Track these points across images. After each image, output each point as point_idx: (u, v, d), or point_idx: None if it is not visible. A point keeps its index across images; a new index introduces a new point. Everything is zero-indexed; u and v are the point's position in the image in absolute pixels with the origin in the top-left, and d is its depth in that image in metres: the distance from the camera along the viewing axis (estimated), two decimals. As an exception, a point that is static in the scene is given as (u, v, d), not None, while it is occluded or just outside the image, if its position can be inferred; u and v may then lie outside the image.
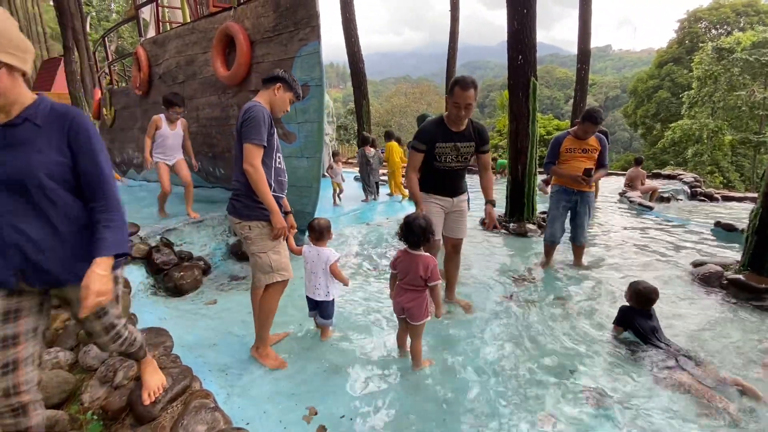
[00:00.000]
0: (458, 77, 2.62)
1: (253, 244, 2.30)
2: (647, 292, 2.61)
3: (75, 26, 15.95)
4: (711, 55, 21.07)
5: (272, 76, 2.35)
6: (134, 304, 3.02)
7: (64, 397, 2.08)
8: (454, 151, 2.82)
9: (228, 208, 2.35)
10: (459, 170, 2.94)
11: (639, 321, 2.57)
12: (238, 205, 2.28)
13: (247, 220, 2.27)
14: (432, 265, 2.24)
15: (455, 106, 2.61)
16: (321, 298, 2.65)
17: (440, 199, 2.94)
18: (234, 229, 2.41)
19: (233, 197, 2.31)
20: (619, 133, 43.35)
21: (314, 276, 2.67)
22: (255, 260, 2.32)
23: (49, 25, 35.59)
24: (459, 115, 2.64)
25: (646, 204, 6.70)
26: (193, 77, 4.93)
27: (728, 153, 20.73)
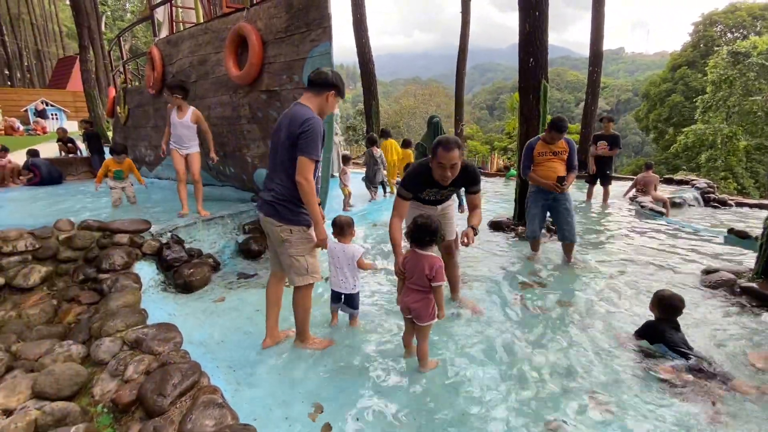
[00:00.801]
0: (441, 138, 2.49)
1: (292, 247, 2.35)
2: (673, 300, 2.53)
3: (90, 25, 16.27)
4: (726, 59, 20.74)
5: (325, 81, 2.29)
6: (144, 299, 3.06)
7: (75, 390, 2.12)
8: (438, 194, 2.84)
9: (265, 210, 2.35)
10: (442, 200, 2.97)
11: (670, 334, 2.45)
12: (281, 210, 2.30)
13: (288, 224, 2.32)
14: (437, 265, 2.24)
15: (440, 166, 2.46)
16: (348, 291, 2.80)
17: (424, 207, 2.92)
18: (268, 231, 2.42)
19: (275, 201, 2.31)
20: (631, 137, 42.87)
21: (340, 271, 2.78)
22: (291, 262, 2.37)
23: (65, 24, 36.27)
24: (445, 176, 2.49)
25: (658, 209, 6.62)
26: (205, 77, 5.00)
27: (743, 159, 20.36)
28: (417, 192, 2.77)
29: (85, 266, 3.31)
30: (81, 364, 2.32)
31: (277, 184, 2.31)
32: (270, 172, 2.40)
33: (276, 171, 2.32)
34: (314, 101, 2.29)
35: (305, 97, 2.32)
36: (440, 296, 2.29)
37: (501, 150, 22.00)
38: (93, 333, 2.53)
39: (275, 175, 2.32)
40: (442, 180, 2.56)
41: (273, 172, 2.35)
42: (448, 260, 3.14)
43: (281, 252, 2.41)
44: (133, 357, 2.22)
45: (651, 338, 2.55)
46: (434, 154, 2.48)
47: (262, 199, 2.41)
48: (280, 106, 4.10)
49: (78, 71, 18.15)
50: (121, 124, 7.69)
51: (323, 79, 2.29)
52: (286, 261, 2.41)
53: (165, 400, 1.91)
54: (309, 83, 2.33)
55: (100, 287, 3.07)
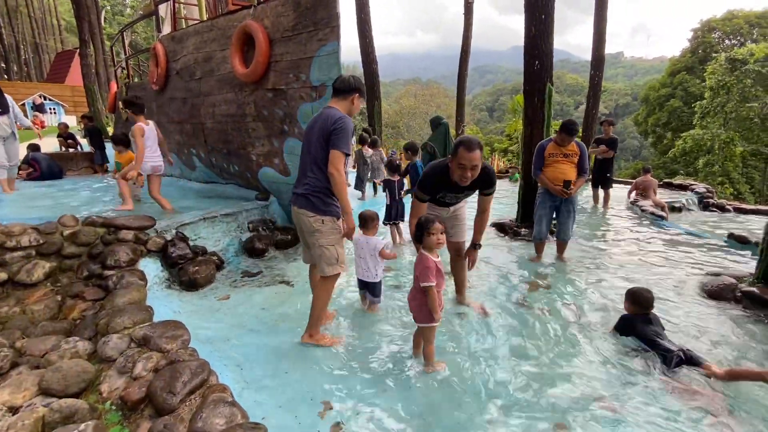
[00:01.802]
0: (462, 138, 2.54)
1: (323, 236, 2.49)
2: (642, 294, 2.69)
3: (91, 19, 16.19)
4: (724, 66, 20.88)
5: (350, 87, 2.51)
6: (149, 296, 3.05)
7: (83, 387, 2.11)
8: (455, 198, 2.92)
9: (299, 203, 2.51)
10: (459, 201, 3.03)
11: (640, 327, 2.61)
12: (314, 200, 2.46)
13: (320, 215, 2.47)
14: (423, 264, 2.24)
15: (460, 167, 2.50)
16: (371, 279, 3.02)
17: (437, 209, 2.98)
18: (301, 222, 2.55)
19: (309, 193, 2.47)
20: (629, 141, 43.09)
21: (363, 261, 3.01)
22: (322, 252, 2.50)
23: (64, 18, 36.02)
24: (465, 177, 2.53)
25: (658, 213, 6.65)
26: (210, 74, 4.98)
27: (739, 164, 20.50)
28: (434, 194, 2.79)
29: (89, 262, 3.29)
30: (88, 360, 2.31)
31: (310, 177, 2.48)
32: (302, 168, 2.56)
33: (310, 166, 2.49)
34: (342, 105, 2.52)
35: (333, 101, 2.54)
36: (429, 297, 2.24)
37: (501, 152, 22.04)
38: (99, 329, 2.51)
39: (309, 170, 2.49)
40: (461, 180, 2.57)
41: (306, 168, 2.52)
42: (458, 261, 3.18)
43: (312, 243, 2.54)
44: (141, 354, 2.21)
45: (624, 331, 2.71)
46: (455, 154, 2.52)
47: (295, 193, 2.56)
48: (286, 105, 4.10)
49: (77, 65, 18.06)
50: (122, 119, 7.65)
51: (347, 85, 2.52)
52: (317, 252, 2.54)
53: (175, 398, 1.90)
54: (335, 91, 2.55)
55: (105, 284, 3.06)
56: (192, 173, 6.15)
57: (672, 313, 3.15)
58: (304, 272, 3.87)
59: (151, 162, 4.47)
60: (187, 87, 5.35)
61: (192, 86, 5.26)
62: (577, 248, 4.88)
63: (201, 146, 5.45)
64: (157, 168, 4.56)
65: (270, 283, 3.63)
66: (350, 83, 2.52)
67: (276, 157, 4.44)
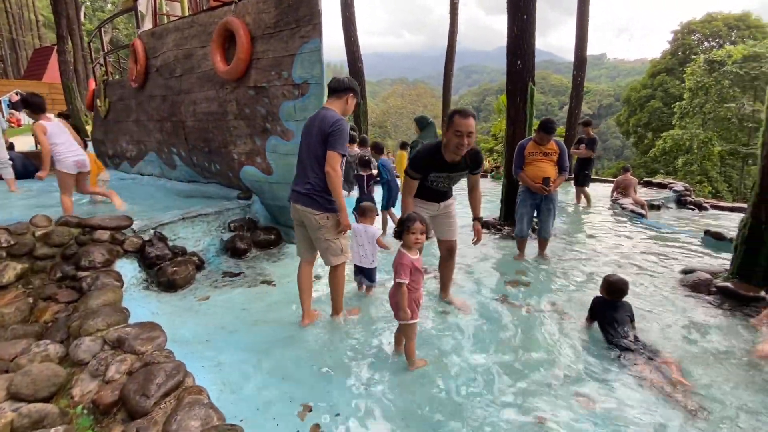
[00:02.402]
0: (456, 108, 2.70)
1: (328, 231, 2.66)
2: (615, 282, 2.80)
3: (69, 15, 15.75)
4: (703, 67, 21.44)
5: (345, 87, 2.66)
6: (125, 298, 2.97)
7: (53, 391, 2.04)
8: (447, 180, 2.93)
9: (302, 201, 2.65)
10: (450, 186, 3.04)
11: (605, 310, 2.75)
12: (319, 200, 2.61)
13: (325, 212, 2.63)
14: (397, 260, 2.25)
15: (457, 134, 2.59)
16: (368, 265, 3.24)
17: (426, 204, 2.99)
18: (305, 219, 2.68)
19: (313, 192, 2.61)
20: (612, 141, 43.92)
21: (361, 248, 3.20)
22: (328, 245, 2.69)
23: (42, 13, 34.99)
24: (461, 144, 2.60)
25: (638, 211, 6.79)
26: (191, 71, 4.89)
27: (717, 163, 21.07)
28: (426, 172, 2.82)
29: (62, 263, 3.20)
30: (59, 364, 2.24)
31: (313, 177, 2.61)
32: (302, 168, 2.69)
33: (311, 166, 2.61)
34: (337, 104, 2.67)
35: (329, 101, 2.70)
36: (398, 295, 2.23)
37: (487, 151, 22.23)
38: (72, 332, 2.44)
39: (310, 169, 2.62)
40: (458, 149, 2.64)
41: (307, 168, 2.64)
42: (448, 259, 3.19)
43: (317, 237, 2.69)
44: (114, 357, 2.16)
45: (592, 313, 2.88)
46: (451, 123, 2.62)
47: (296, 192, 2.68)
48: (268, 103, 4.05)
49: (55, 62, 17.56)
50: (101, 117, 7.47)
51: (342, 85, 2.67)
52: (322, 245, 2.71)
53: (148, 400, 1.86)
54: (330, 91, 2.69)
55: (79, 285, 2.97)
56: (172, 172, 6.03)
57: (649, 307, 3.21)
58: (286, 272, 3.85)
59: (72, 157, 4.09)
60: (167, 84, 5.25)
61: (172, 84, 5.17)
62: (558, 245, 4.95)
63: (182, 145, 5.35)
64: (81, 163, 4.17)
65: (251, 284, 3.59)
66: (345, 83, 2.67)
67: (258, 156, 4.38)
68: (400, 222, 2.36)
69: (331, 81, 2.72)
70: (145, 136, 6.20)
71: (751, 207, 3.42)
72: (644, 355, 2.46)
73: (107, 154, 7.72)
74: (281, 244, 4.55)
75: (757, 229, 3.34)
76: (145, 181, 6.52)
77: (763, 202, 3.31)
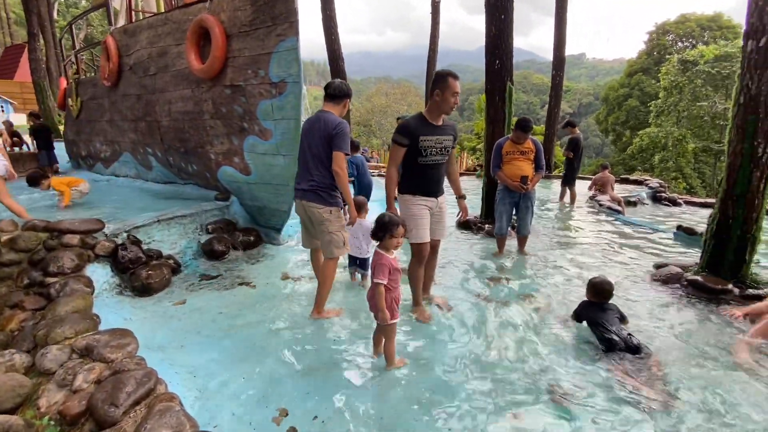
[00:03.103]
0: (446, 70, 2.79)
1: (332, 225, 2.87)
2: (600, 285, 2.84)
3: (41, 12, 15.21)
4: (677, 67, 22.08)
5: (343, 92, 2.93)
6: (97, 304, 2.88)
7: (18, 402, 1.97)
8: (438, 145, 2.86)
9: (308, 197, 2.86)
10: (442, 165, 2.96)
11: (592, 312, 2.77)
12: (323, 195, 2.83)
13: (329, 206, 2.85)
14: (377, 260, 2.25)
15: (454, 95, 2.73)
16: (363, 255, 3.50)
17: (427, 200, 2.94)
18: (310, 213, 2.89)
19: (317, 188, 2.83)
20: (592, 139, 44.85)
21: (357, 240, 3.44)
22: (331, 238, 2.87)
23: (13, 11, 33.68)
24: (455, 104, 2.77)
25: (614, 208, 6.96)
26: (165, 69, 4.77)
27: (691, 160, 21.76)
28: (415, 135, 2.79)
29: (30, 269, 3.08)
30: (25, 374, 2.16)
31: (316, 175, 2.83)
32: (304, 166, 2.91)
33: (314, 165, 2.84)
34: (336, 109, 2.91)
35: (327, 105, 2.91)
36: (378, 296, 2.21)
37: (470, 150, 22.43)
38: (38, 341, 2.35)
39: (313, 168, 2.84)
40: (448, 110, 2.80)
41: (310, 166, 2.86)
42: (432, 257, 3.15)
43: (321, 230, 2.90)
44: (82, 365, 2.09)
45: (579, 316, 2.88)
46: (445, 85, 2.71)
47: (301, 189, 2.89)
48: (245, 102, 3.99)
49: (26, 61, 16.91)
50: (73, 117, 7.23)
51: (341, 91, 2.93)
52: (326, 238, 2.89)
53: (117, 410, 1.80)
54: (330, 96, 2.92)
55: (47, 292, 2.87)
56: (148, 173, 5.89)
57: (625, 300, 3.29)
58: (266, 273, 3.81)
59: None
60: (141, 83, 5.11)
61: (146, 82, 5.04)
62: (537, 242, 5.02)
63: (157, 145, 5.23)
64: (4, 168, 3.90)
65: (230, 286, 3.53)
66: (343, 90, 2.93)
67: (236, 156, 4.31)
68: (383, 226, 2.30)
69: (329, 87, 2.93)
70: (119, 137, 6.03)
71: (719, 202, 3.53)
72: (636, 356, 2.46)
73: (80, 155, 7.49)
74: (261, 245, 4.49)
75: (725, 224, 3.45)
76: (120, 182, 6.35)
77: (730, 198, 3.42)
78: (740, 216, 3.36)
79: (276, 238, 4.61)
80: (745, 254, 3.41)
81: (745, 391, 2.21)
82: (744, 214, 3.34)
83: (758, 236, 3.40)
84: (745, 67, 3.24)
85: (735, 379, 2.32)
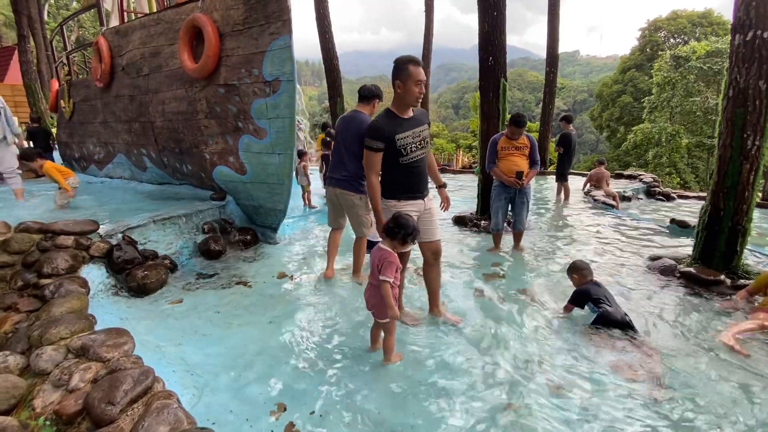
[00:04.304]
0: (405, 56, 2.52)
1: (360, 209, 3.40)
2: (581, 263, 3.06)
3: (31, 13, 15.06)
4: (669, 63, 22.23)
5: (372, 94, 3.41)
6: (93, 305, 2.87)
7: (13, 403, 1.96)
8: (416, 139, 2.60)
9: (340, 185, 3.38)
10: (422, 160, 2.70)
11: (593, 290, 2.87)
12: (355, 184, 3.34)
13: (359, 194, 3.36)
14: (386, 258, 2.23)
15: (417, 84, 2.46)
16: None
17: (413, 203, 2.68)
18: (342, 200, 3.43)
19: (349, 178, 3.33)
20: (586, 136, 45.06)
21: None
22: (360, 219, 3.43)
23: (2, 12, 33.28)
24: (421, 92, 2.51)
25: (609, 202, 7.01)
26: (158, 70, 4.75)
27: (685, 155, 21.92)
28: (390, 136, 2.52)
29: (23, 271, 3.06)
30: (20, 375, 2.15)
31: (350, 166, 3.31)
32: (339, 159, 3.40)
33: (348, 158, 3.32)
34: (366, 108, 3.40)
35: (360, 106, 3.42)
36: (386, 292, 2.20)
37: (466, 148, 22.48)
38: (33, 342, 2.34)
39: (347, 160, 3.32)
40: (417, 101, 2.54)
41: (344, 159, 3.34)
42: (434, 264, 2.86)
43: (352, 213, 3.46)
44: (78, 365, 2.08)
45: (579, 301, 2.93)
46: (407, 74, 2.45)
47: (334, 178, 3.41)
48: (239, 101, 3.98)
49: (17, 63, 16.74)
50: (65, 119, 7.18)
51: (370, 93, 3.41)
52: (355, 220, 3.46)
53: (114, 408, 1.80)
54: (361, 97, 3.42)
55: (42, 293, 2.85)
56: (143, 174, 5.86)
57: (620, 291, 3.32)
58: (262, 272, 3.81)
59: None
60: (134, 84, 5.09)
61: (139, 83, 5.02)
62: (532, 237, 5.05)
63: (151, 146, 5.21)
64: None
65: (226, 285, 3.53)
66: (372, 91, 3.42)
67: (231, 155, 4.30)
68: (404, 228, 2.26)
69: (362, 90, 3.42)
70: (112, 138, 6.00)
71: (710, 195, 3.57)
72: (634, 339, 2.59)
73: (73, 157, 7.44)
74: (257, 245, 4.49)
75: (716, 215, 3.49)
76: (115, 184, 6.32)
77: (720, 190, 3.46)
78: (731, 207, 3.40)
79: (272, 237, 4.61)
80: (737, 245, 3.46)
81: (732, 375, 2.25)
82: (735, 206, 3.39)
83: (749, 227, 3.45)
84: (733, 61, 3.28)
85: (723, 365, 2.35)
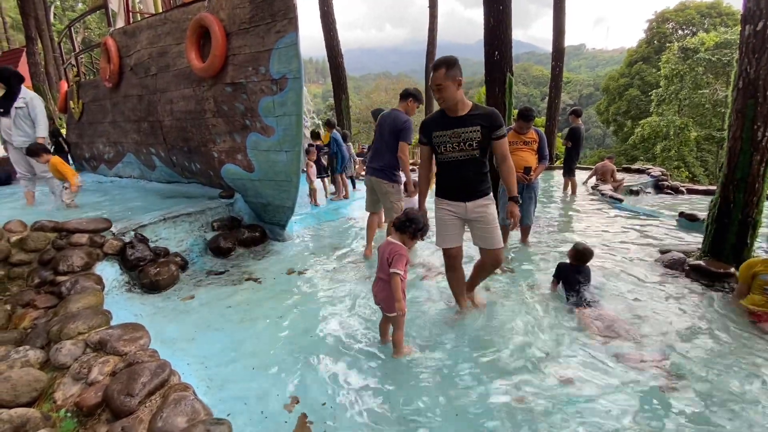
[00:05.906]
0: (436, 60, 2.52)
1: (392, 196, 3.86)
2: (583, 250, 3.21)
3: (38, 16, 15.22)
4: (677, 55, 21.94)
5: (407, 93, 3.86)
6: (108, 301, 2.94)
7: (35, 396, 2.02)
8: (454, 139, 2.53)
9: (377, 174, 3.87)
10: (464, 162, 2.57)
11: (569, 273, 3.19)
12: (389, 173, 3.83)
13: (392, 182, 3.85)
14: (397, 251, 2.26)
15: (432, 88, 2.51)
16: None
17: (450, 204, 2.67)
18: (377, 187, 3.93)
19: (385, 168, 3.82)
20: (593, 130, 44.62)
21: None
22: (392, 206, 3.85)
23: (9, 15, 33.65)
24: (437, 94, 2.49)
25: (616, 196, 6.97)
26: (166, 69, 4.80)
27: (693, 149, 21.66)
28: (430, 132, 2.61)
29: (40, 269, 3.14)
30: (40, 369, 2.21)
31: (387, 158, 3.80)
32: (377, 151, 3.90)
33: (385, 150, 3.82)
34: (402, 106, 3.86)
35: (399, 105, 3.89)
36: (395, 286, 2.23)
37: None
38: (52, 337, 2.40)
39: (385, 152, 3.82)
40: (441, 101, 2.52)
41: (382, 151, 3.84)
42: (489, 269, 2.91)
43: (385, 200, 3.93)
44: (97, 359, 2.14)
45: (558, 276, 3.27)
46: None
47: (372, 168, 3.91)
48: (247, 99, 4.01)
49: (25, 65, 16.94)
50: (74, 120, 7.27)
51: (405, 93, 3.90)
52: (387, 205, 3.92)
53: (133, 399, 1.85)
54: (400, 97, 3.93)
55: (58, 290, 2.92)
56: (152, 173, 5.93)
57: (628, 287, 3.32)
58: (271, 268, 3.86)
59: None
60: (143, 83, 5.14)
61: (147, 82, 5.07)
62: (540, 232, 5.05)
63: (160, 145, 5.26)
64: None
65: (236, 282, 3.58)
66: (407, 92, 3.89)
67: (239, 153, 4.34)
68: (416, 223, 2.32)
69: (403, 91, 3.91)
70: (122, 138, 6.07)
71: (720, 187, 3.55)
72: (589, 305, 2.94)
73: (83, 157, 7.54)
74: (266, 242, 4.53)
75: (726, 208, 3.47)
76: (124, 183, 6.40)
77: (731, 182, 3.43)
78: (741, 200, 3.38)
79: (281, 234, 4.65)
80: (747, 238, 3.43)
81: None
82: (745, 198, 3.36)
83: (759, 220, 3.42)
84: (743, 52, 3.25)
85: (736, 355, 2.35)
